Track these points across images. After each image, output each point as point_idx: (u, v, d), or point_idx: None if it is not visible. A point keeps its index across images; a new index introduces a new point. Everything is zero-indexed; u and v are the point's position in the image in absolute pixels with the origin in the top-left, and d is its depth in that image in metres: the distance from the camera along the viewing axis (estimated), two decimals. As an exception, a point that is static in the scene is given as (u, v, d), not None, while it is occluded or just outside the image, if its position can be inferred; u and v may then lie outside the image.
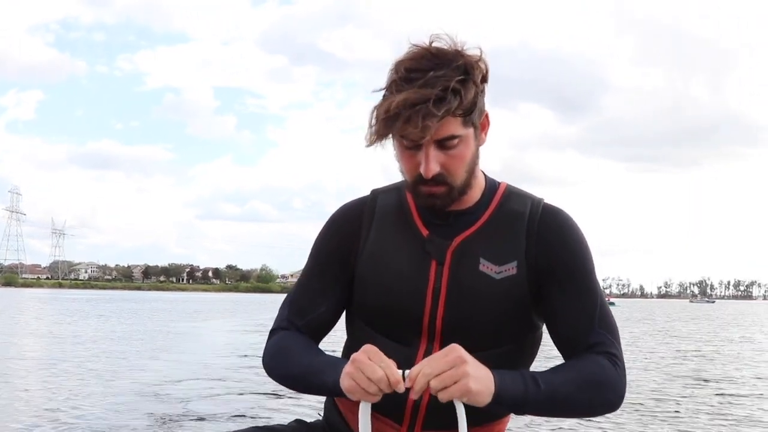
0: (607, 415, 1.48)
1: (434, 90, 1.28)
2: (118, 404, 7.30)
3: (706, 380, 10.17)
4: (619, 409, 1.42)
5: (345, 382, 1.29)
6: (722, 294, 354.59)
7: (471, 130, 1.37)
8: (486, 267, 1.41)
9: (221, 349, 14.51)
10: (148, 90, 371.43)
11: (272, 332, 1.53)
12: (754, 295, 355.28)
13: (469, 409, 1.30)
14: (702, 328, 28.60)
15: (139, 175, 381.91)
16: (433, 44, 1.34)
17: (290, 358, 1.46)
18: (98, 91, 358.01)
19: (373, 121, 1.34)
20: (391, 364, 1.25)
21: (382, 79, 1.38)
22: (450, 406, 1.32)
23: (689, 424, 6.72)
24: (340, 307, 1.52)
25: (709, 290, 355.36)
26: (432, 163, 1.34)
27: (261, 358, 1.54)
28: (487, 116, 1.42)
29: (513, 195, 1.48)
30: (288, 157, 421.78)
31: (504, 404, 1.29)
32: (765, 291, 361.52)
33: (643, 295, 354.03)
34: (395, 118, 1.29)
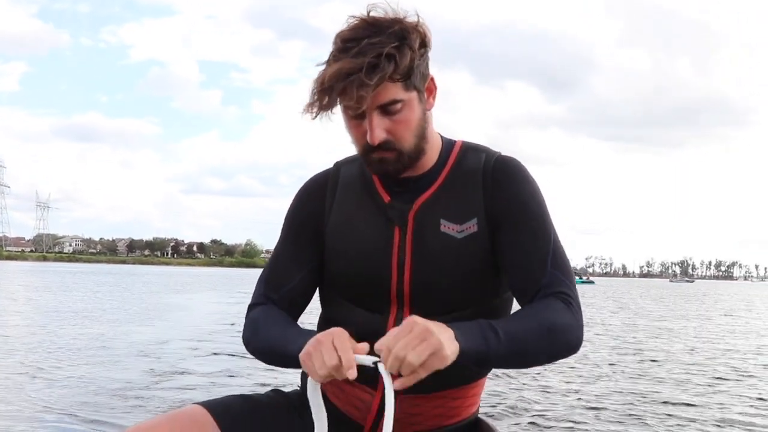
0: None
1: (366, 58, 1.28)
2: (114, 361, 8.14)
3: (640, 350, 11.06)
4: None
5: (302, 358, 1.29)
6: (703, 274, 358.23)
7: (414, 94, 1.37)
8: (447, 227, 1.41)
9: (209, 317, 15.27)
10: (133, 63, 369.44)
11: (249, 308, 1.54)
12: (734, 275, 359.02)
13: (444, 369, 1.29)
14: (661, 306, 29.48)
15: (124, 148, 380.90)
16: (371, 14, 1.34)
17: (262, 332, 1.46)
18: (82, 64, 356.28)
19: (313, 95, 1.35)
20: (350, 352, 1.23)
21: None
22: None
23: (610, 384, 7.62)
24: (315, 277, 1.51)
25: (690, 270, 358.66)
26: (376, 130, 1.34)
27: (241, 335, 1.54)
28: (432, 80, 1.42)
29: (469, 152, 1.49)
30: (274, 133, 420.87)
31: (468, 361, 1.26)
32: (745, 272, 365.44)
33: (626, 275, 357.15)
34: (330, 90, 1.30)
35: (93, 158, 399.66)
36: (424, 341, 1.19)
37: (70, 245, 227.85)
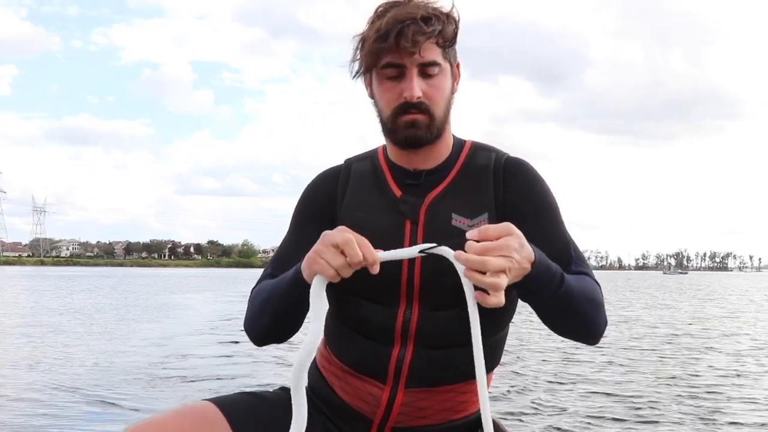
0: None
1: (419, 11, 1.35)
2: (125, 351, 9.30)
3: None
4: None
5: (308, 256, 1.28)
6: (698, 265, 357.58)
7: (448, 67, 1.42)
8: (458, 221, 1.42)
9: (211, 314, 16.37)
10: (124, 65, 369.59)
11: (253, 289, 1.52)
12: (729, 266, 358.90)
13: (453, 364, 1.35)
14: (641, 297, 30.51)
15: (116, 150, 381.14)
16: None
17: (262, 289, 1.47)
18: (73, 66, 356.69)
19: (359, 52, 1.39)
20: (366, 243, 1.24)
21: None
22: (432, 366, 1.38)
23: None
24: None
25: (685, 262, 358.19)
26: (416, 86, 1.36)
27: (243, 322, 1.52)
28: (458, 66, 1.46)
29: (479, 150, 1.50)
30: (267, 132, 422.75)
31: (535, 280, 1.26)
32: (740, 263, 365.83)
33: (621, 267, 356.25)
34: (386, 36, 1.33)
35: (86, 161, 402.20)
36: (523, 247, 1.21)
37: (68, 249, 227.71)
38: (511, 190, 1.46)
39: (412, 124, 1.40)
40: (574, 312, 1.35)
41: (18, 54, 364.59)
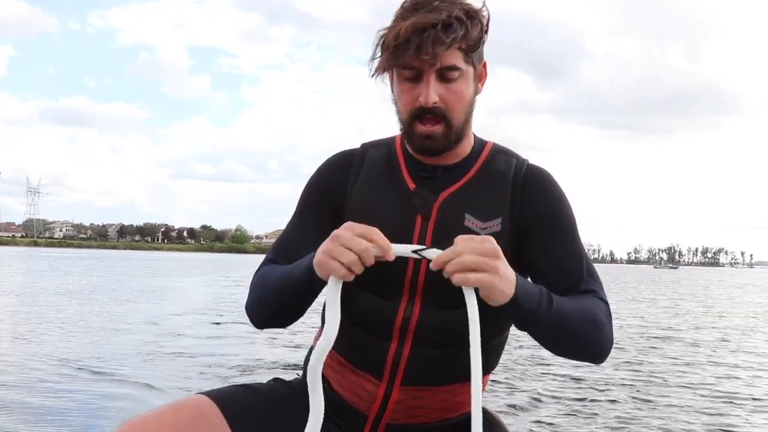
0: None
1: (441, 16, 1.29)
2: (122, 330, 9.84)
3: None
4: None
5: (319, 256, 1.25)
6: (690, 261, 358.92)
7: (471, 70, 1.37)
8: (471, 222, 1.39)
9: (204, 297, 16.91)
10: (121, 47, 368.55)
11: (256, 273, 1.50)
12: (721, 262, 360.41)
13: (451, 365, 1.35)
14: (620, 291, 30.93)
15: (112, 133, 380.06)
16: None
17: (267, 276, 1.44)
18: (70, 48, 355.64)
19: (378, 51, 1.35)
20: (379, 234, 1.23)
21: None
22: (430, 365, 1.37)
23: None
24: None
25: (677, 257, 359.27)
26: (432, 91, 1.33)
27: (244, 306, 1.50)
28: (485, 66, 1.43)
29: (499, 153, 1.48)
30: (263, 118, 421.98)
31: (517, 310, 1.26)
32: (731, 258, 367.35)
33: (613, 261, 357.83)
34: (405, 45, 1.29)
35: (81, 143, 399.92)
36: (490, 258, 1.20)
37: (61, 230, 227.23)
38: (528, 198, 1.43)
39: (427, 135, 1.37)
40: (569, 335, 1.33)
41: (14, 34, 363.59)
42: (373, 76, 1.37)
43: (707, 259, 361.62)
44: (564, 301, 1.33)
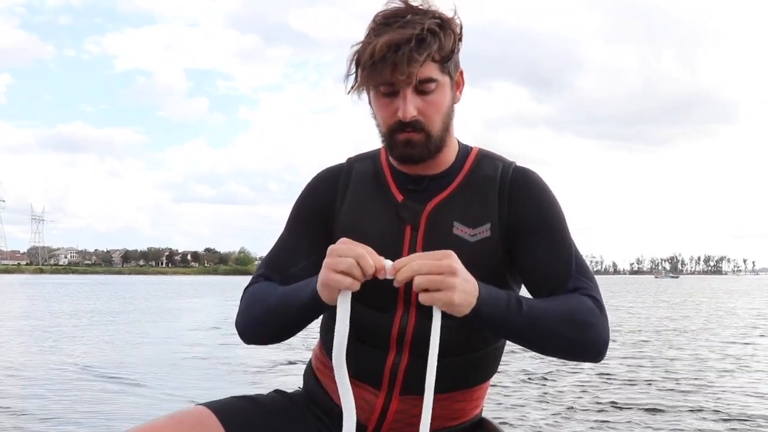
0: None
1: (414, 30, 1.29)
2: (141, 343, 10.75)
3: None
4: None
5: (321, 275, 1.25)
6: (693, 269, 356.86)
7: (447, 80, 1.38)
8: (460, 230, 1.40)
9: (212, 317, 17.73)
10: (118, 73, 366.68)
11: (246, 288, 1.51)
12: (723, 270, 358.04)
13: (448, 373, 1.35)
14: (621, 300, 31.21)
15: (111, 158, 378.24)
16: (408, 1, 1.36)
17: (264, 296, 1.44)
18: (67, 75, 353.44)
19: (353, 68, 1.36)
20: (371, 250, 1.23)
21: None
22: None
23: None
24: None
25: (680, 266, 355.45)
26: (409, 105, 1.33)
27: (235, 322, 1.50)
28: (461, 74, 1.43)
29: (485, 158, 1.48)
30: (261, 139, 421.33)
31: (481, 320, 1.26)
32: (734, 266, 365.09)
33: (616, 272, 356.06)
34: (381, 63, 1.30)
35: (80, 168, 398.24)
36: (446, 275, 1.20)
37: (66, 257, 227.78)
38: (516, 201, 1.43)
39: (407, 143, 1.38)
40: (547, 336, 1.32)
41: (11, 62, 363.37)
42: (349, 93, 1.39)
43: (710, 268, 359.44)
44: (539, 303, 1.34)
